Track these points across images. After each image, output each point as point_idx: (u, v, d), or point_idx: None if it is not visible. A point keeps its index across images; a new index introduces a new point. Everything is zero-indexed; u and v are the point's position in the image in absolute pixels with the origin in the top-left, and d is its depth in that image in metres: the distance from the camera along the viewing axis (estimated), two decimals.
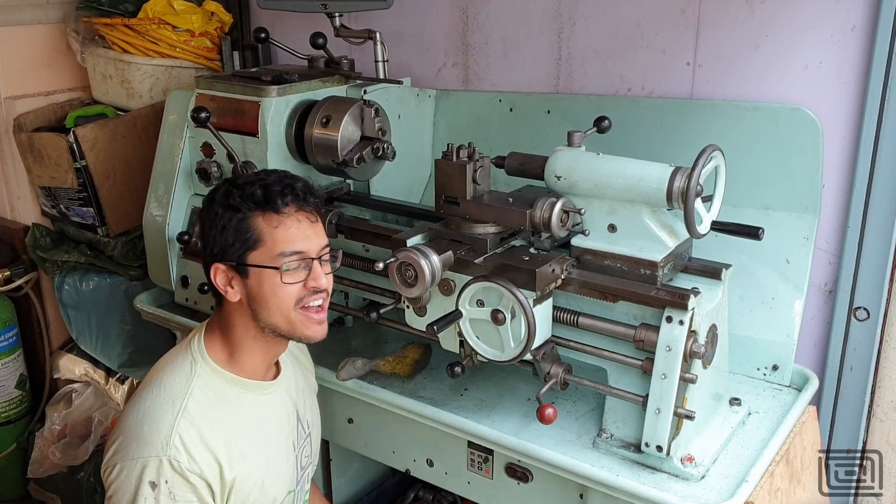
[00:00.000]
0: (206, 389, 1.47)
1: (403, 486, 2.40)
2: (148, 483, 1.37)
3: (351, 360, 1.82)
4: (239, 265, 1.45)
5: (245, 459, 1.48)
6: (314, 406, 1.78)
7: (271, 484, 1.54)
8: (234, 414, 1.49)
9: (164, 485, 1.37)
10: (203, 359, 1.50)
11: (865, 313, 1.83)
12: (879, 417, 1.90)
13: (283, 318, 1.46)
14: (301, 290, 1.45)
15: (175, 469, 1.38)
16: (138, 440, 1.40)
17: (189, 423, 1.41)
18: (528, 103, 2.15)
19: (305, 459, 1.69)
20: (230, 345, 1.52)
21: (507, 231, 1.60)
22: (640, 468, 1.53)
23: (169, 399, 1.44)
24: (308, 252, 1.46)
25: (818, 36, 1.76)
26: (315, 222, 1.49)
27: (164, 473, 1.37)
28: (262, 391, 1.56)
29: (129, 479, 1.38)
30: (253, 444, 1.51)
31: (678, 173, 1.42)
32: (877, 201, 1.75)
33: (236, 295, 1.47)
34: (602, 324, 1.55)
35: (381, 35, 2.16)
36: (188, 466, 1.39)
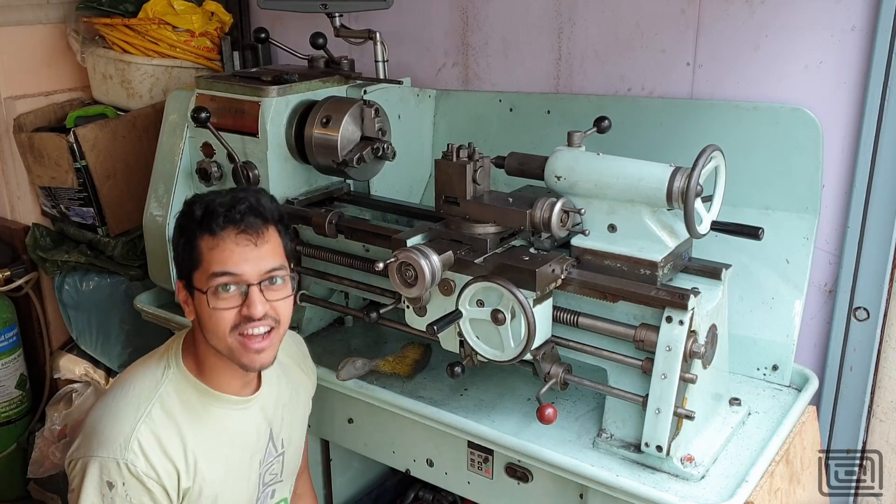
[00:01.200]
0: (174, 396, 1.47)
1: (403, 486, 2.40)
2: (106, 482, 1.38)
3: (351, 360, 1.82)
4: (187, 285, 1.44)
5: (201, 472, 1.47)
6: (297, 421, 1.73)
7: (227, 500, 1.53)
8: (198, 424, 1.48)
9: (121, 486, 1.38)
10: (177, 365, 1.50)
11: (865, 313, 1.83)
12: (879, 417, 1.90)
13: (221, 343, 1.42)
14: (236, 316, 1.40)
15: (132, 472, 1.38)
16: (99, 439, 1.40)
17: (150, 429, 1.41)
18: (528, 103, 2.15)
19: (271, 477, 1.66)
20: (201, 356, 1.51)
21: (507, 231, 1.60)
22: (640, 468, 1.53)
23: (135, 402, 1.44)
24: (242, 275, 1.39)
25: (818, 36, 1.76)
26: (258, 245, 1.41)
27: (121, 476, 1.38)
28: (233, 406, 1.53)
29: (88, 475, 1.38)
30: (213, 457, 1.49)
31: (678, 173, 1.42)
32: (877, 201, 1.75)
33: (190, 314, 1.47)
34: (602, 324, 1.55)
35: (381, 35, 2.16)
36: (144, 471, 1.39)
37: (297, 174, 2.03)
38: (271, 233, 1.44)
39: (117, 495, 1.38)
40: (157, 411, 1.43)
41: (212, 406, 1.50)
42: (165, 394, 1.46)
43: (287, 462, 1.68)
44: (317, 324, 2.10)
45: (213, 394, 1.50)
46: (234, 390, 1.53)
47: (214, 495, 1.49)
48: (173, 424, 1.44)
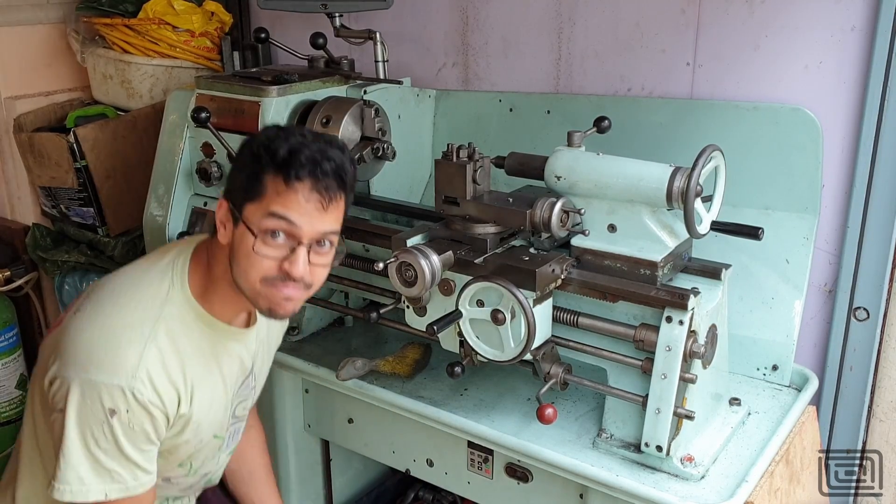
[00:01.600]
0: (177, 319, 1.39)
1: (403, 486, 2.40)
2: (106, 409, 1.30)
3: (351, 360, 1.82)
4: (235, 210, 1.35)
5: (195, 399, 1.42)
6: (269, 358, 1.69)
7: (205, 427, 1.49)
8: (194, 350, 1.41)
9: (125, 414, 1.31)
10: (181, 285, 1.41)
11: (865, 313, 1.83)
12: (879, 417, 1.90)
13: (247, 284, 1.35)
14: (273, 268, 1.33)
15: (138, 400, 1.32)
16: (100, 363, 1.31)
17: (157, 354, 1.34)
18: (528, 103, 2.15)
19: (241, 411, 1.62)
20: (210, 279, 1.43)
21: (507, 231, 1.60)
22: (639, 468, 1.53)
23: (139, 322, 1.35)
24: (299, 229, 1.31)
25: (818, 36, 1.76)
26: (325, 210, 1.33)
27: (126, 403, 1.31)
28: (228, 337, 1.48)
29: (84, 400, 1.30)
30: (203, 385, 1.44)
31: (678, 173, 1.42)
32: (877, 201, 1.75)
33: (225, 237, 1.38)
34: (602, 324, 1.55)
35: (381, 35, 2.16)
36: (150, 399, 1.33)
37: None
38: (341, 199, 1.36)
39: (119, 422, 1.31)
40: (162, 335, 1.36)
41: (210, 334, 1.44)
42: (170, 315, 1.38)
43: (255, 394, 1.66)
44: (317, 324, 2.10)
45: (212, 321, 1.44)
46: (228, 320, 1.47)
47: (199, 423, 1.46)
48: (176, 349, 1.38)
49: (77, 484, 1.33)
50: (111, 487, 1.35)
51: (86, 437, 1.32)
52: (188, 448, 1.49)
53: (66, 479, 1.33)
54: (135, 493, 1.38)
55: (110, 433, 1.32)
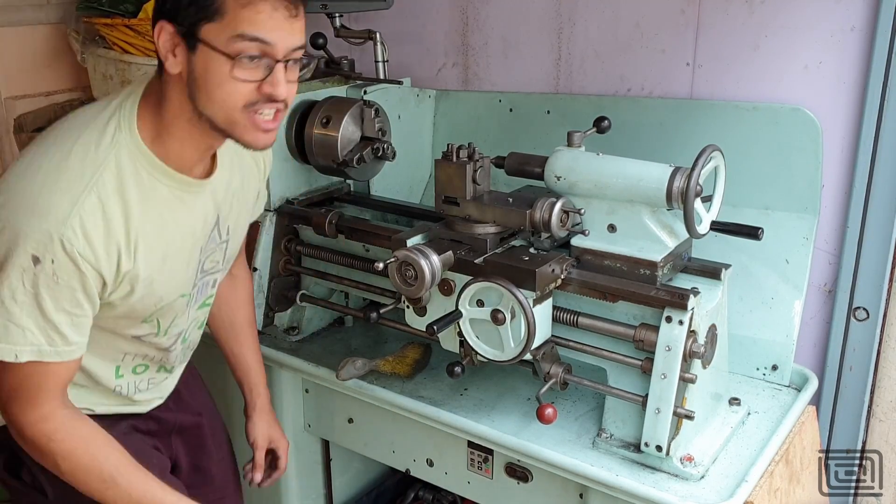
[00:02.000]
0: (123, 167, 1.24)
1: (403, 486, 2.40)
2: (30, 255, 1.16)
3: (351, 360, 1.82)
4: (188, 34, 1.19)
5: (141, 254, 1.28)
6: (244, 211, 1.55)
7: (161, 284, 1.34)
8: (144, 202, 1.27)
9: (49, 264, 1.17)
10: (129, 129, 1.25)
11: (865, 313, 1.83)
12: (879, 417, 1.91)
13: (223, 115, 1.22)
14: (254, 92, 1.21)
15: (66, 251, 1.17)
16: (31, 206, 1.18)
17: (96, 203, 1.20)
18: (528, 103, 2.15)
19: (211, 265, 1.48)
20: (161, 121, 1.27)
21: (507, 231, 1.60)
22: (639, 468, 1.53)
23: (78, 168, 1.21)
24: (273, 45, 1.19)
25: (818, 36, 1.76)
26: (295, 17, 1.21)
27: (52, 251, 1.17)
28: (184, 188, 1.33)
29: (7, 245, 1.17)
30: (154, 239, 1.30)
31: (678, 173, 1.42)
32: (876, 201, 1.75)
33: (177, 66, 1.22)
34: (602, 324, 1.55)
35: (381, 35, 2.16)
36: (81, 252, 1.19)
37: (297, 174, 2.03)
38: (302, 6, 1.24)
39: (42, 272, 1.17)
40: (106, 183, 1.21)
41: (161, 183, 1.29)
42: (116, 163, 1.23)
43: (229, 252, 1.53)
44: (317, 324, 2.10)
45: (166, 170, 1.29)
46: (188, 170, 1.32)
47: (150, 279, 1.31)
48: (120, 199, 1.23)
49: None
50: (22, 348, 1.20)
51: (2, 286, 1.18)
52: (147, 307, 1.35)
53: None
54: (49, 359, 1.23)
55: (31, 284, 1.18)
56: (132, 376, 1.49)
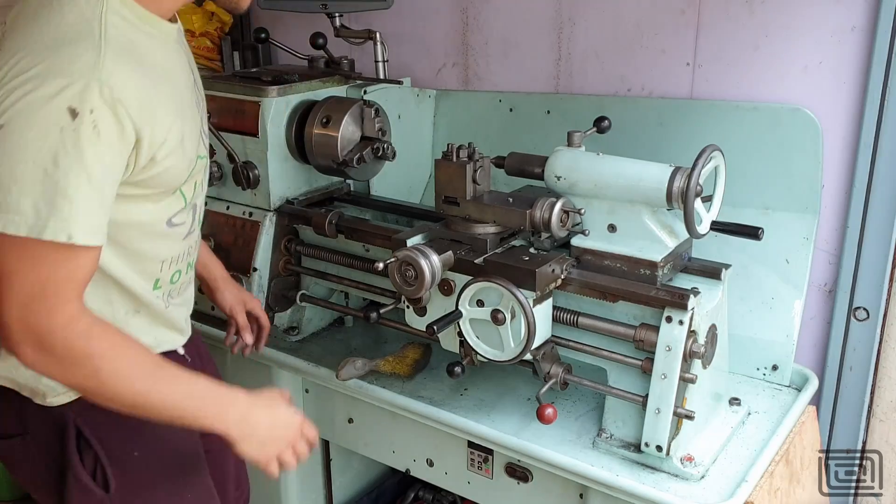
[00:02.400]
0: (119, 20, 1.16)
1: (403, 486, 2.40)
2: (67, 109, 1.05)
3: (351, 360, 1.82)
4: None
5: (165, 108, 1.20)
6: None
7: (188, 141, 1.27)
8: (145, 56, 1.19)
9: (89, 114, 1.06)
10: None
11: (865, 313, 1.83)
12: (879, 417, 1.91)
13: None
14: None
15: (104, 98, 1.07)
16: (51, 61, 1.07)
17: (117, 51, 1.12)
18: (528, 103, 2.15)
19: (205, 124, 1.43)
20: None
21: (507, 231, 1.60)
22: (639, 468, 1.53)
23: (83, 21, 1.12)
24: None
25: (818, 36, 1.76)
26: None
27: (89, 100, 1.06)
28: (169, 35, 1.27)
29: (36, 101, 1.05)
30: (166, 92, 1.22)
31: (678, 173, 1.42)
32: (877, 201, 1.75)
33: None
34: (602, 324, 1.55)
35: (381, 35, 2.16)
36: (119, 97, 1.09)
37: (297, 174, 2.03)
38: None
39: (83, 125, 1.05)
40: (110, 37, 1.13)
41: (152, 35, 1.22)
42: (111, 18, 1.15)
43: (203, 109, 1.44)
44: (317, 324, 2.10)
45: (152, 19, 1.21)
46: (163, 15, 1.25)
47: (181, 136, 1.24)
48: (129, 51, 1.15)
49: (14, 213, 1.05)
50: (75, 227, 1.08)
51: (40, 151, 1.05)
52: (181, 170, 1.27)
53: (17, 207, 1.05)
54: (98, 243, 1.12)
55: (73, 143, 1.06)
56: (168, 286, 1.40)
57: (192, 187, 1.36)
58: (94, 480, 1.34)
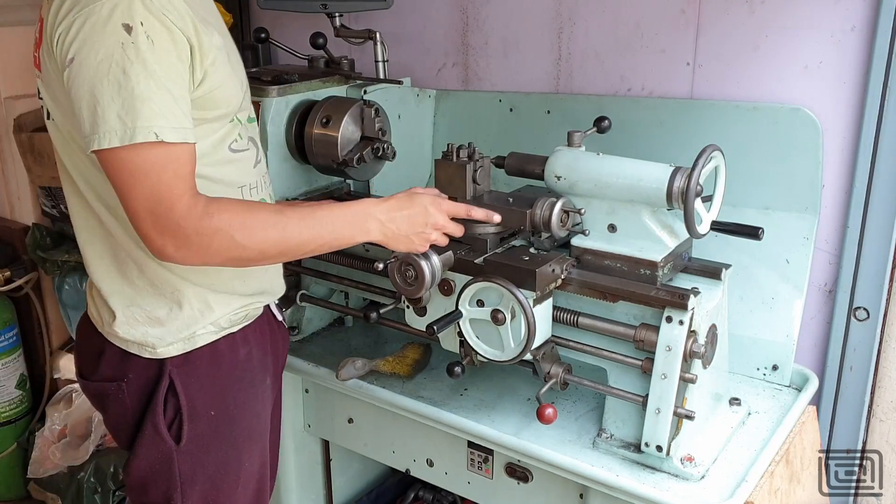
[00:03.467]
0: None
1: (403, 486, 2.40)
2: (122, 26, 1.17)
3: (351, 360, 1.82)
4: None
5: (209, 27, 1.30)
6: None
7: (236, 64, 1.40)
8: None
9: (140, 27, 1.18)
10: None
11: (865, 313, 1.83)
12: (879, 417, 1.91)
13: None
14: None
15: (148, 8, 1.19)
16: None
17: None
18: (528, 103, 2.15)
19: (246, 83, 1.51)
20: None
21: (507, 231, 1.60)
22: (640, 468, 1.53)
23: None
24: None
25: (818, 36, 1.76)
26: None
27: (137, 13, 1.18)
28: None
29: (95, 27, 1.17)
30: (209, 17, 1.34)
31: (678, 173, 1.42)
32: (877, 201, 1.75)
33: None
34: (602, 324, 1.55)
35: (381, 35, 2.16)
36: (163, 8, 1.21)
37: (297, 174, 2.03)
38: None
39: (139, 38, 1.17)
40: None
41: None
42: None
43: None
44: (317, 324, 2.10)
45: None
46: None
47: (226, 56, 1.35)
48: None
49: (104, 129, 1.18)
50: (160, 124, 1.19)
51: (108, 68, 1.17)
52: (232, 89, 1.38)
53: (104, 122, 1.17)
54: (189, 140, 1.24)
55: (134, 54, 1.17)
56: None
57: (246, 117, 1.46)
58: (168, 430, 1.44)
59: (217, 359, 1.46)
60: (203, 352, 1.45)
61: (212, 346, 1.45)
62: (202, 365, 1.45)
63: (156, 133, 1.19)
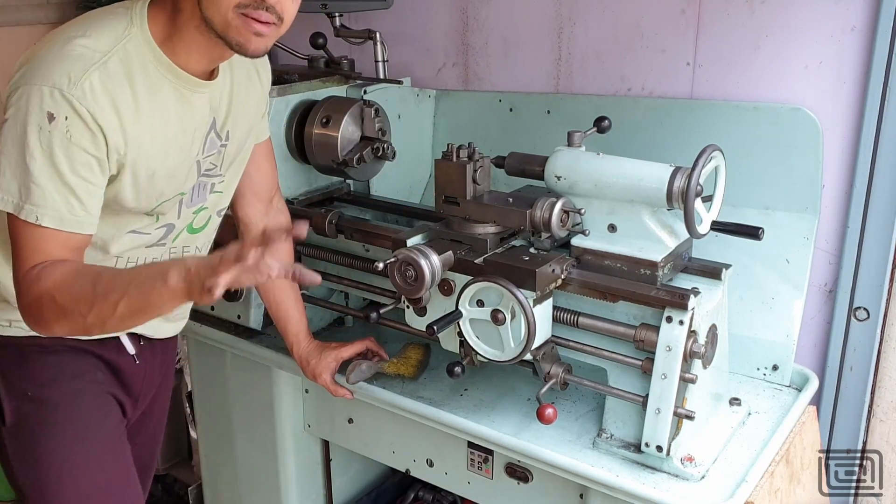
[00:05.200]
0: (134, 57, 1.33)
1: (403, 486, 2.40)
2: (46, 113, 1.25)
3: (357, 363, 1.82)
4: None
5: (144, 141, 1.36)
6: (247, 118, 1.61)
7: (161, 179, 1.42)
8: (149, 94, 1.36)
9: (63, 121, 1.25)
10: (141, 26, 1.35)
11: (865, 313, 1.83)
12: (879, 417, 1.91)
13: (219, 16, 1.30)
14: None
15: (75, 109, 1.26)
16: (47, 69, 1.26)
17: (103, 79, 1.29)
18: (528, 103, 2.15)
19: (210, 167, 1.54)
20: (173, 27, 1.36)
21: (507, 231, 1.60)
22: (640, 468, 1.53)
23: (92, 47, 1.30)
24: None
25: (818, 36, 1.76)
26: None
27: (66, 109, 1.25)
28: (186, 84, 1.41)
29: (27, 103, 1.25)
30: (156, 131, 1.38)
31: (678, 173, 1.42)
32: (877, 201, 1.75)
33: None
34: (602, 324, 1.55)
35: (381, 35, 2.16)
36: (91, 110, 1.27)
37: (297, 174, 2.03)
38: None
39: (56, 129, 1.25)
40: (115, 64, 1.31)
41: (166, 79, 1.38)
42: (124, 50, 1.32)
43: (227, 156, 1.58)
44: (317, 324, 2.10)
45: (171, 66, 1.38)
46: (193, 71, 1.41)
47: (152, 171, 1.39)
48: (127, 84, 1.32)
49: (6, 192, 1.27)
50: (43, 210, 1.27)
51: (23, 143, 1.25)
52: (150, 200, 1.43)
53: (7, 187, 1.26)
54: (69, 229, 1.29)
55: (46, 143, 1.25)
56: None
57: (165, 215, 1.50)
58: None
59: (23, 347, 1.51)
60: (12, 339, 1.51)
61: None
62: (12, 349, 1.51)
63: (37, 216, 1.27)
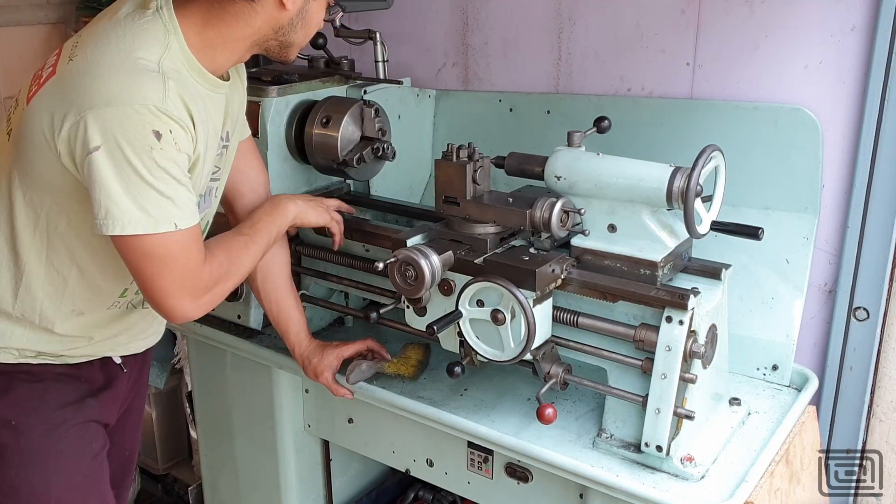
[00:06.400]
0: (177, 62, 1.37)
1: (403, 486, 2.40)
2: (152, 132, 1.26)
3: (357, 363, 1.82)
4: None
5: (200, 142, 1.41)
6: (239, 121, 1.69)
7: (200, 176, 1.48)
8: (193, 96, 1.39)
9: (169, 134, 1.28)
10: (176, 34, 1.38)
11: (865, 313, 1.83)
12: (879, 417, 1.91)
13: (304, 41, 1.52)
14: None
15: (177, 121, 1.29)
16: (128, 89, 1.27)
17: (176, 87, 1.32)
18: (528, 103, 2.15)
19: (215, 170, 1.59)
20: (207, 38, 1.41)
21: (507, 231, 1.60)
22: (639, 468, 1.53)
23: (150, 59, 1.33)
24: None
25: (818, 36, 1.76)
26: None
27: (167, 123, 1.28)
28: (214, 87, 1.47)
29: (122, 127, 1.25)
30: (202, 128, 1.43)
31: (678, 173, 1.42)
32: (877, 201, 1.75)
33: (294, 5, 1.41)
34: (602, 324, 1.55)
35: (381, 35, 2.16)
36: (184, 121, 1.32)
37: (297, 174, 2.03)
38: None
39: (167, 144, 1.28)
40: (171, 73, 1.34)
41: (198, 83, 1.42)
42: (169, 59, 1.35)
43: (227, 157, 1.63)
44: (317, 324, 2.10)
45: (202, 72, 1.42)
46: (215, 73, 1.46)
47: (203, 163, 1.45)
48: (183, 89, 1.36)
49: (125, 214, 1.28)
50: (180, 215, 1.33)
51: (133, 167, 1.26)
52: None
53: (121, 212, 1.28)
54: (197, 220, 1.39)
55: (162, 158, 1.28)
56: (135, 296, 1.60)
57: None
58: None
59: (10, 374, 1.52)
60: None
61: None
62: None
63: (175, 224, 1.33)
